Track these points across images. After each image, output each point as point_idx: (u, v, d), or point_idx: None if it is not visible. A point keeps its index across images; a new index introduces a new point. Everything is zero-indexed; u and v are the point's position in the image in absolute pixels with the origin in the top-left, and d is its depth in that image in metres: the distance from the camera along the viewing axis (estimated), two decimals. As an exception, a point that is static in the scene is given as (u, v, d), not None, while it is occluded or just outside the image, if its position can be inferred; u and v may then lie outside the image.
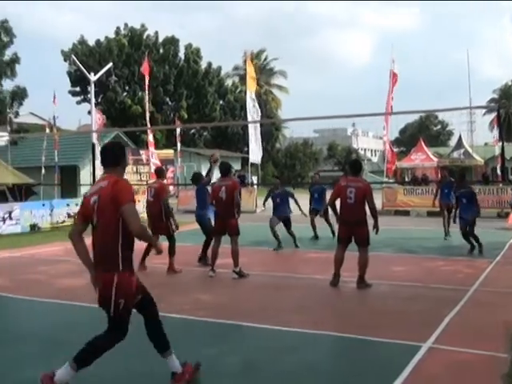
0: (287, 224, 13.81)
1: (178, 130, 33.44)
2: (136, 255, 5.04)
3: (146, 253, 10.57)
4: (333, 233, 14.31)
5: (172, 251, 10.59)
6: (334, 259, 9.14)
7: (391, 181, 32.16)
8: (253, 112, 26.39)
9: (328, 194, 14.74)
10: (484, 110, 70.93)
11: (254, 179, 37.55)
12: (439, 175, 29.09)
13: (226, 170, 10.21)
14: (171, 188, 31.21)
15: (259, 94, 54.01)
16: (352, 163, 9.86)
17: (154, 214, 10.72)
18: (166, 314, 7.23)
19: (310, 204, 15.69)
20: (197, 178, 11.60)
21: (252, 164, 31.36)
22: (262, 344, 5.98)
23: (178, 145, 33.29)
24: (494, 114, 51.36)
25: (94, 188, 4.70)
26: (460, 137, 37.20)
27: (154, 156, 24.44)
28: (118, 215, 4.47)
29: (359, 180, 9.25)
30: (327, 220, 15.02)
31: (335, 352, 5.90)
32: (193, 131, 53.12)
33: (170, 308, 7.54)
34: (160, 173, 11.56)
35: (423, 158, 34.03)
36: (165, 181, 11.90)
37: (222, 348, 5.94)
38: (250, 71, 26.23)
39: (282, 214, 13.85)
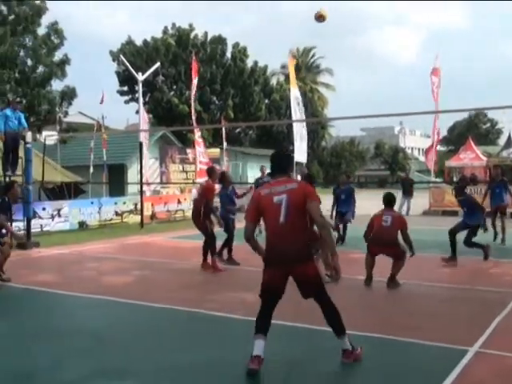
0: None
1: (224, 129, 33.58)
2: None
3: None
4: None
5: (210, 249, 10.64)
6: (365, 263, 9.20)
7: (438, 180, 31.68)
8: (298, 110, 26.29)
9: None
10: (536, 108, 69.05)
11: (299, 178, 37.38)
12: (488, 174, 28.54)
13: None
14: (216, 187, 31.38)
15: (305, 93, 53.90)
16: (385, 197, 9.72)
17: (195, 211, 10.81)
18: (216, 313, 7.33)
19: (335, 207, 14.79)
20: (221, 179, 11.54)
21: (297, 163, 31.25)
22: (307, 344, 5.95)
23: (224, 144, 33.46)
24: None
25: (277, 188, 5.25)
26: (510, 135, 36.26)
27: (202, 155, 24.60)
28: (305, 215, 5.19)
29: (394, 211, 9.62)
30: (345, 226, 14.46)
31: (379, 354, 5.82)
32: (238, 130, 53.32)
33: (217, 306, 7.60)
34: (210, 172, 11.31)
35: (472, 157, 33.33)
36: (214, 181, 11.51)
37: (269, 347, 5.93)
38: (292, 70, 26.12)
39: (501, 203, 14.15)
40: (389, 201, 9.50)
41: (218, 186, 12.48)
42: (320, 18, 9.98)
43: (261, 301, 5.34)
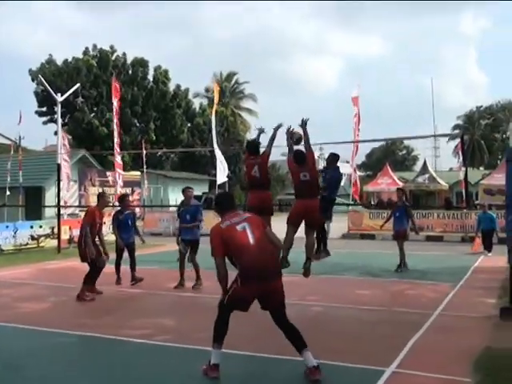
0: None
1: (145, 153, 33.29)
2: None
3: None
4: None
5: (85, 277, 10.28)
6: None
7: (358, 203, 32.42)
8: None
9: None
10: (448, 137, 72.17)
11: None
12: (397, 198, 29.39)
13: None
14: (137, 210, 30.97)
15: (226, 117, 54.24)
16: None
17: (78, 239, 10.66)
18: (129, 339, 7.20)
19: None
20: None
21: (219, 186, 31.34)
22: (230, 371, 5.93)
23: (145, 167, 33.14)
24: (458, 140, 52.28)
25: (235, 219, 5.78)
26: (425, 162, 37.86)
27: (120, 178, 24.21)
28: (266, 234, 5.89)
29: None
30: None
31: (296, 377, 5.86)
32: (160, 153, 52.95)
33: (132, 332, 7.48)
34: (98, 198, 11.33)
35: (389, 183, 34.47)
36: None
37: (184, 371, 5.89)
38: (216, 96, 26.39)
39: (400, 227, 13.86)
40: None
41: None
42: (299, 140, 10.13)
43: (221, 310, 5.72)
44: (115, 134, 22.42)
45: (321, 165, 78.09)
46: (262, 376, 5.86)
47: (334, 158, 9.98)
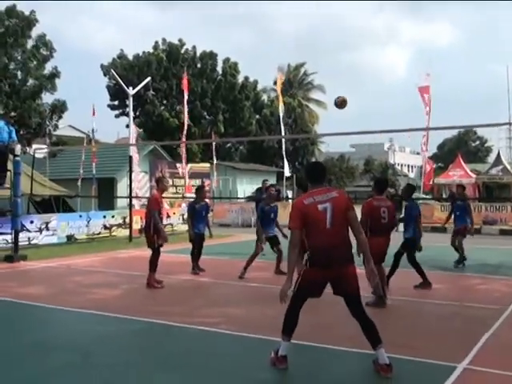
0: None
1: (214, 144, 33.62)
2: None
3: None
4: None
5: (149, 264, 10.52)
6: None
7: (428, 197, 31.80)
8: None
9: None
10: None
11: (289, 193, 37.48)
12: (476, 191, 28.55)
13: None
14: (207, 201, 31.36)
15: (294, 108, 54.09)
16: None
17: (145, 225, 10.96)
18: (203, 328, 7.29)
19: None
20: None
21: (287, 178, 31.35)
22: (297, 360, 5.91)
23: (214, 159, 33.48)
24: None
25: (320, 197, 5.54)
26: (499, 153, 36.57)
27: (186, 169, 24.58)
28: (347, 220, 5.56)
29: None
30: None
31: (368, 370, 5.80)
32: (229, 145, 53.38)
33: (201, 320, 7.57)
34: (156, 181, 11.54)
35: (461, 174, 33.52)
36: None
37: (254, 362, 5.90)
38: (279, 86, 26.41)
39: (460, 225, 13.64)
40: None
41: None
42: (342, 103, 10.18)
43: (292, 300, 5.60)
44: (185, 126, 22.76)
45: (391, 158, 75.98)
46: (330, 368, 5.81)
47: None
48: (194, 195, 13.13)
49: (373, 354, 5.65)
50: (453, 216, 14.14)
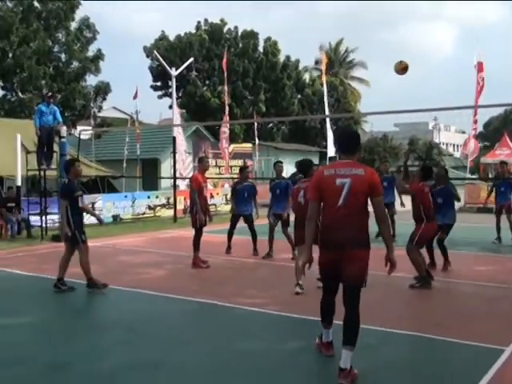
0: None
1: (256, 124, 33.56)
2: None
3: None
4: None
5: (193, 244, 10.64)
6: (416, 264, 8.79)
7: (474, 177, 31.23)
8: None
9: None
10: None
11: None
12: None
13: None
14: (250, 181, 31.39)
15: (336, 87, 53.50)
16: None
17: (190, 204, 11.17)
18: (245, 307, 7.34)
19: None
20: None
21: (330, 158, 31.14)
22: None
23: (256, 139, 33.43)
24: None
25: (342, 170, 5.01)
26: (548, 131, 35.65)
27: (226, 150, 24.54)
28: (366, 201, 4.97)
29: None
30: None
31: (415, 352, 5.77)
32: (271, 125, 53.20)
33: (245, 301, 7.61)
34: (198, 161, 11.69)
35: (508, 153, 32.74)
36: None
37: (300, 343, 5.91)
38: (324, 66, 26.17)
39: (505, 202, 13.65)
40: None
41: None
42: (403, 69, 10.10)
43: (322, 287, 5.33)
44: (226, 104, 22.73)
45: (436, 137, 74.78)
46: (374, 349, 5.79)
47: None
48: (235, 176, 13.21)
49: (416, 334, 5.60)
50: (494, 194, 14.09)
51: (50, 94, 18.29)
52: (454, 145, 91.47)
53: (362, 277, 4.95)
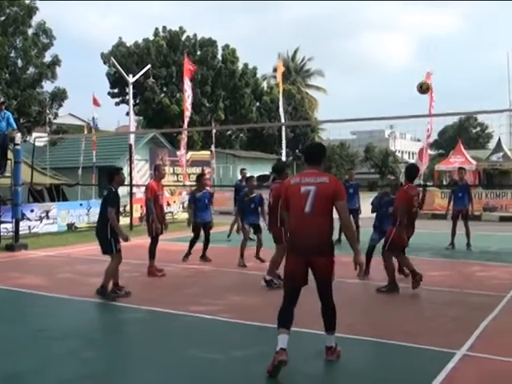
0: None
1: (214, 132, 33.55)
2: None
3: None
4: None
5: (148, 251, 10.57)
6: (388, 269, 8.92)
7: (428, 184, 31.79)
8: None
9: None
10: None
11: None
12: (477, 178, 28.52)
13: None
14: (207, 189, 31.33)
15: (293, 95, 53.89)
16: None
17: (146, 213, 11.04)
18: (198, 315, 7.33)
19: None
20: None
21: (288, 165, 31.24)
22: (292, 347, 5.95)
23: (213, 146, 33.41)
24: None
25: (307, 179, 5.36)
26: (499, 139, 36.53)
27: (184, 157, 24.33)
28: (331, 207, 5.31)
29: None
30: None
31: (367, 357, 5.84)
32: (229, 133, 53.25)
33: (200, 308, 7.60)
34: (154, 170, 11.55)
35: (462, 161, 33.45)
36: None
37: (252, 350, 5.93)
38: (279, 74, 26.31)
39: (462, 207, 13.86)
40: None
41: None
42: (426, 90, 10.48)
43: (284, 292, 5.43)
44: (188, 113, 22.60)
45: (391, 145, 76.09)
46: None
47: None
48: (193, 183, 13.19)
49: (368, 339, 5.69)
50: (453, 200, 14.36)
51: (1, 100, 17.98)
52: (409, 152, 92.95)
53: (330, 273, 5.33)
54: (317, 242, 5.25)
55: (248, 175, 13.76)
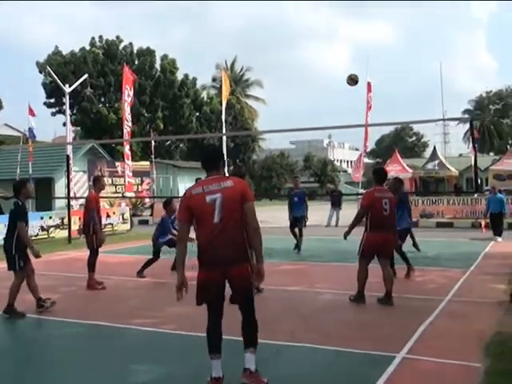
0: None
1: (154, 142, 33.34)
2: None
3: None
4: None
5: (88, 265, 10.39)
6: (358, 277, 8.70)
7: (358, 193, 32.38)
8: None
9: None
10: (457, 122, 71.78)
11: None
12: (413, 186, 29.22)
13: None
14: (147, 200, 31.07)
15: (233, 105, 54.11)
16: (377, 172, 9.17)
17: (83, 225, 10.79)
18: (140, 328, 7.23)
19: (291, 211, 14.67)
20: None
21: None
22: (236, 357, 5.93)
23: (153, 157, 33.15)
24: (468, 126, 52.06)
25: (211, 187, 4.94)
26: (434, 148, 37.62)
27: (129, 169, 24.12)
28: (242, 214, 4.93)
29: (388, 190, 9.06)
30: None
31: (308, 363, 5.87)
32: (169, 143, 52.96)
33: (144, 321, 7.51)
34: (94, 182, 11.27)
35: (398, 170, 34.25)
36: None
37: (198, 361, 5.89)
38: (225, 83, 26.33)
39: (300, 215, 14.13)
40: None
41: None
42: (352, 81, 10.75)
43: (208, 314, 5.09)
44: (125, 122, 22.35)
45: (330, 154, 77.32)
46: (272, 363, 5.87)
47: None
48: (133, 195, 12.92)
49: (309, 346, 5.72)
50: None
51: None
52: (347, 161, 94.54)
53: (248, 281, 4.98)
54: (231, 252, 4.89)
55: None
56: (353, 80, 10.87)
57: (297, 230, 14.41)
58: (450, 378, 5.35)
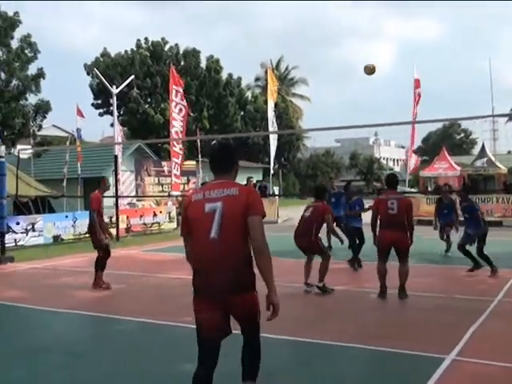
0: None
1: (199, 141, 33.54)
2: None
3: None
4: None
5: (95, 265, 10.39)
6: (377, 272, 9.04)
7: (414, 190, 31.95)
8: (274, 122, 26.52)
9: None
10: (507, 118, 70.07)
11: (276, 190, 37.49)
12: (461, 184, 28.74)
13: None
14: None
15: (278, 104, 54.06)
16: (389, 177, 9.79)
17: (90, 225, 10.78)
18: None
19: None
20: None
21: (273, 174, 31.36)
22: (282, 355, 5.92)
23: (200, 156, 33.36)
24: (518, 122, 50.88)
25: (213, 193, 4.04)
26: (483, 145, 36.81)
27: (177, 167, 24.29)
28: (246, 228, 3.94)
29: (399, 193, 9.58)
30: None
31: (357, 364, 5.82)
32: (214, 142, 53.25)
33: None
34: (99, 183, 11.38)
35: (446, 167, 33.68)
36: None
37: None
38: (271, 82, 26.32)
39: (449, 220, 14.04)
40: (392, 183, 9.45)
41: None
42: (371, 70, 10.76)
43: (198, 354, 4.10)
44: (174, 123, 22.60)
45: (376, 152, 76.48)
46: (317, 362, 5.83)
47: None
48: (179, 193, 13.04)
49: (357, 346, 5.65)
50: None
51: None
52: (394, 159, 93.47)
53: (255, 312, 4.09)
54: (231, 277, 3.90)
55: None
56: (369, 69, 10.85)
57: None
58: (502, 381, 5.23)
